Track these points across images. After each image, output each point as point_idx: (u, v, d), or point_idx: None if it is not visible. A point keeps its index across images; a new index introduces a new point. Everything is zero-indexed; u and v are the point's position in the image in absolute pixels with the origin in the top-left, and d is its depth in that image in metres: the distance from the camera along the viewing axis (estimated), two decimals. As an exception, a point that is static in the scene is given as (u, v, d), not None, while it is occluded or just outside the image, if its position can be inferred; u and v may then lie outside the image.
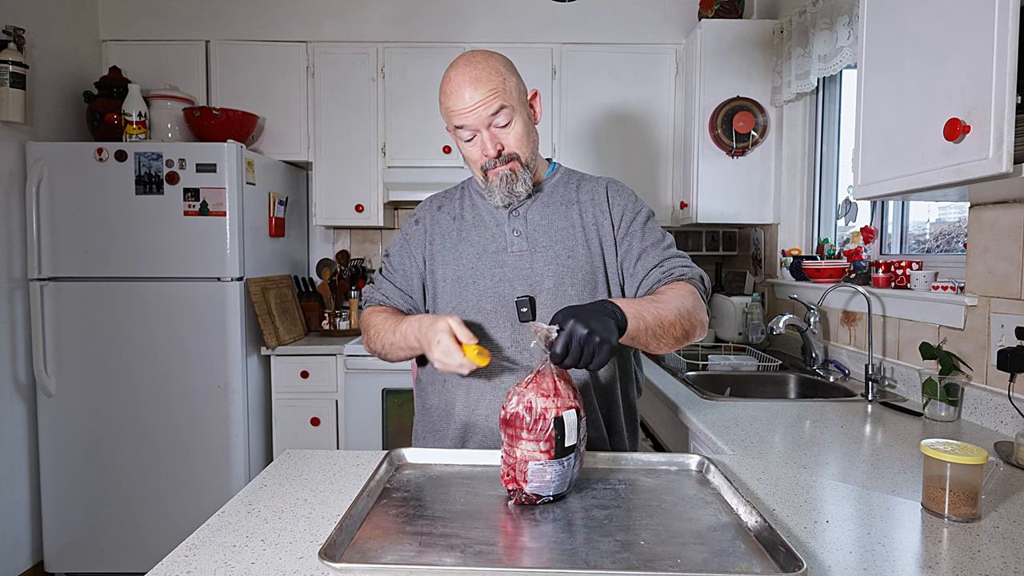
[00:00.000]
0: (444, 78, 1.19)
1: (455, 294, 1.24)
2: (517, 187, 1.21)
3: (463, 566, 0.74)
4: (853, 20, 2.00)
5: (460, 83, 1.16)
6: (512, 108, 1.18)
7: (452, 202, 1.34)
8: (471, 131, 1.18)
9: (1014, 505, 0.98)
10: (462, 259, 1.25)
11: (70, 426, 2.45)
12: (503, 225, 1.26)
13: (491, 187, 1.22)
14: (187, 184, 2.41)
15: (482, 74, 1.15)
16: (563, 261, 1.22)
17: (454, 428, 1.23)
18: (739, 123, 2.55)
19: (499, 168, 1.20)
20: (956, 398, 1.50)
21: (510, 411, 0.91)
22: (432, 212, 1.33)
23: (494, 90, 1.15)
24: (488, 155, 1.18)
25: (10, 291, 2.42)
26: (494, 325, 1.20)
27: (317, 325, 2.97)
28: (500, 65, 1.19)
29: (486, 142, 1.18)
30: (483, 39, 2.89)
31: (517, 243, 1.24)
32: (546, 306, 1.20)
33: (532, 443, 0.89)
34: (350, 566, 0.72)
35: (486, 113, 1.16)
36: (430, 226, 1.31)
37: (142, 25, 2.88)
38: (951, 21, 1.17)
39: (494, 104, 1.15)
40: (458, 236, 1.28)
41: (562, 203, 1.28)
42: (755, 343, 2.58)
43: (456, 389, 1.23)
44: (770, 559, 0.75)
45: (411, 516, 0.88)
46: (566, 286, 1.21)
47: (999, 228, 1.45)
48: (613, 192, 1.29)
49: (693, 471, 1.06)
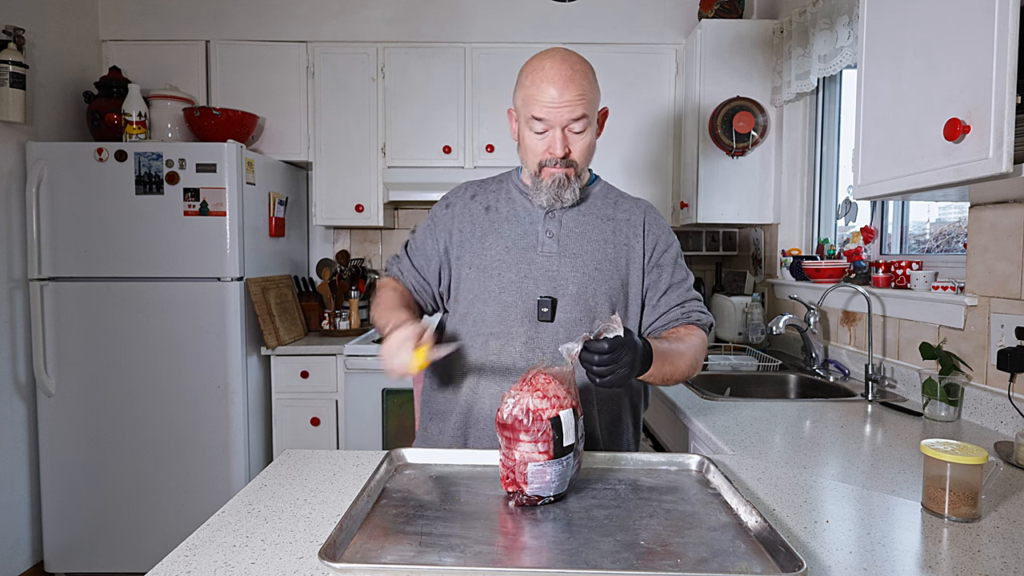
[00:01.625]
0: (535, 65, 1.19)
1: (478, 282, 1.25)
2: (566, 193, 1.22)
3: (463, 566, 0.74)
4: (853, 20, 2.00)
5: (554, 76, 1.16)
6: (590, 119, 1.20)
7: (487, 193, 1.34)
8: (546, 126, 1.18)
9: (1014, 505, 0.98)
10: (490, 250, 1.25)
11: (70, 426, 2.45)
12: (536, 224, 1.27)
13: (541, 185, 1.23)
14: (187, 184, 2.41)
15: (577, 76, 1.17)
16: (589, 271, 1.23)
17: (455, 422, 1.24)
18: (739, 123, 2.55)
19: (556, 170, 1.20)
20: (956, 398, 1.50)
21: (507, 414, 0.91)
22: (465, 200, 1.33)
23: (583, 96, 1.17)
24: (554, 154, 1.19)
25: (10, 291, 2.42)
26: (511, 318, 1.22)
27: (317, 325, 2.97)
28: (591, 74, 1.22)
29: (556, 141, 1.18)
30: (483, 39, 2.89)
31: (548, 244, 1.25)
32: (566, 311, 1.22)
33: (531, 444, 0.89)
34: (350, 566, 0.72)
35: (570, 116, 1.17)
36: (460, 213, 1.31)
37: (142, 25, 2.88)
38: (951, 21, 1.17)
39: (579, 109, 1.17)
40: (488, 227, 1.28)
41: (599, 216, 1.29)
42: (755, 343, 2.58)
43: (462, 383, 1.24)
44: (770, 559, 0.75)
45: (411, 516, 0.88)
46: (587, 296, 1.23)
47: (999, 228, 1.45)
48: (650, 220, 1.32)
49: (693, 471, 1.07)
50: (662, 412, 1.88)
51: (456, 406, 1.25)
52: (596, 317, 1.23)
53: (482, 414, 1.22)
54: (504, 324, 1.22)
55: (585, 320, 1.22)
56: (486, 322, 1.23)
